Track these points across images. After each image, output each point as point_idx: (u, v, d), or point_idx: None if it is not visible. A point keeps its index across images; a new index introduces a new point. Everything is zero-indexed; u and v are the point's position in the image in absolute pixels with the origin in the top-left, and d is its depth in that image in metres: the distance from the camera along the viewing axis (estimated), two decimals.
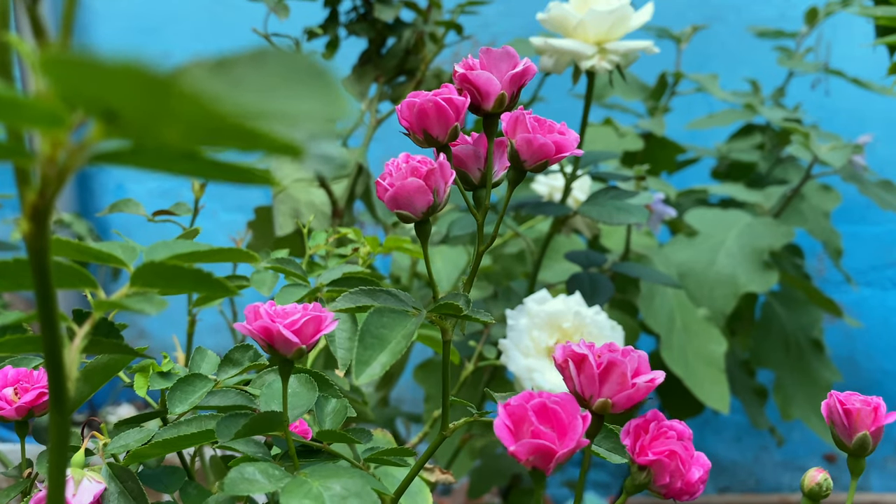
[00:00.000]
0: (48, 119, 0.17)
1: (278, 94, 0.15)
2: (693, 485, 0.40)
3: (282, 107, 0.15)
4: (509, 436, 0.36)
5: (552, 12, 0.83)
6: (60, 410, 0.24)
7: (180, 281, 0.28)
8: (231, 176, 0.20)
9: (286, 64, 0.15)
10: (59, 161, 0.19)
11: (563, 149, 0.44)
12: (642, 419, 0.40)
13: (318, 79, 0.15)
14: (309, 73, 0.15)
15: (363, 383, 0.38)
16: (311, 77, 0.15)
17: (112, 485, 0.45)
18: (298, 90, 0.15)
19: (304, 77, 0.15)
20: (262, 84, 0.15)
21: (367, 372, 0.39)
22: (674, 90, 1.47)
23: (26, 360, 0.49)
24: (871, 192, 1.28)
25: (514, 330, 0.78)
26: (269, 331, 0.40)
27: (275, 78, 0.15)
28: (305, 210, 1.05)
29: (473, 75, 0.45)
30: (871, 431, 0.45)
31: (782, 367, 1.32)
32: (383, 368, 0.40)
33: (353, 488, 0.38)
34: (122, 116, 0.16)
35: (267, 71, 0.15)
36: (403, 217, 0.44)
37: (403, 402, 1.56)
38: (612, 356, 0.38)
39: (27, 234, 0.21)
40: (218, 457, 0.65)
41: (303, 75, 0.15)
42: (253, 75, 0.15)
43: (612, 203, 0.85)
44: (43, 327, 0.23)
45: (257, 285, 0.62)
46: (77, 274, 0.27)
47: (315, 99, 0.15)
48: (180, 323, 0.80)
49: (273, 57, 0.15)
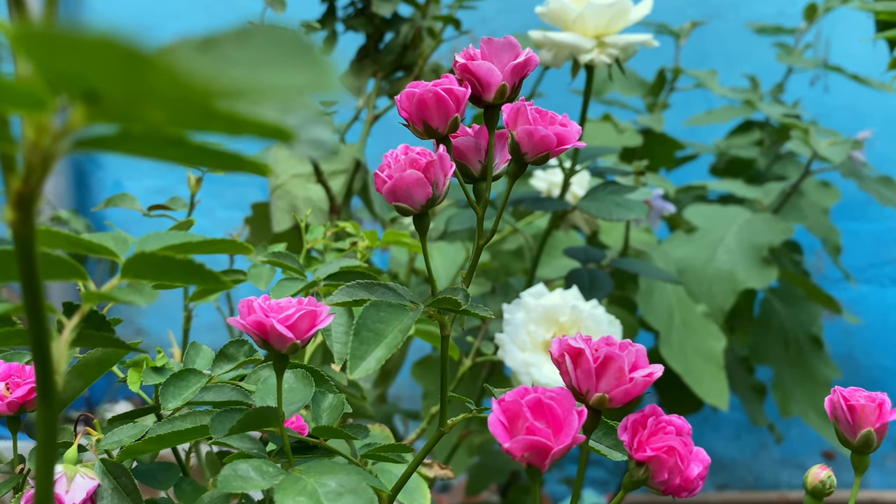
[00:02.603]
0: (30, 102, 0.16)
1: (264, 69, 0.15)
2: (692, 481, 0.39)
3: (268, 81, 0.14)
4: (504, 432, 0.36)
5: (551, 5, 0.82)
6: (48, 404, 0.24)
7: (172, 272, 0.28)
8: (221, 163, 0.20)
9: (271, 39, 0.15)
10: (44, 147, 0.19)
11: (564, 141, 0.44)
12: (640, 414, 0.39)
13: (304, 52, 0.15)
14: (294, 47, 0.15)
15: (358, 378, 0.38)
16: (296, 51, 0.15)
17: (105, 481, 0.45)
18: (284, 64, 0.15)
19: (290, 51, 0.15)
20: (248, 60, 0.15)
21: (363, 366, 0.39)
22: (673, 86, 1.47)
23: (18, 354, 0.48)
24: (870, 189, 1.28)
25: (510, 324, 0.78)
26: (262, 325, 0.39)
27: (260, 53, 0.15)
28: (303, 206, 1.05)
29: (474, 65, 0.44)
30: (875, 428, 0.45)
31: (781, 364, 1.32)
32: (378, 363, 0.39)
33: (348, 485, 0.38)
34: (104, 97, 0.15)
35: (252, 47, 0.15)
36: (402, 210, 0.43)
37: (401, 398, 1.56)
38: (610, 350, 0.37)
39: (12, 222, 0.20)
40: (213, 453, 0.64)
41: (288, 50, 0.15)
42: (238, 52, 0.15)
43: (611, 199, 0.84)
44: (29, 318, 0.22)
45: (254, 280, 0.61)
46: (66, 265, 0.27)
47: (301, 72, 0.15)
48: (177, 320, 0.79)
49: (258, 33, 0.15)
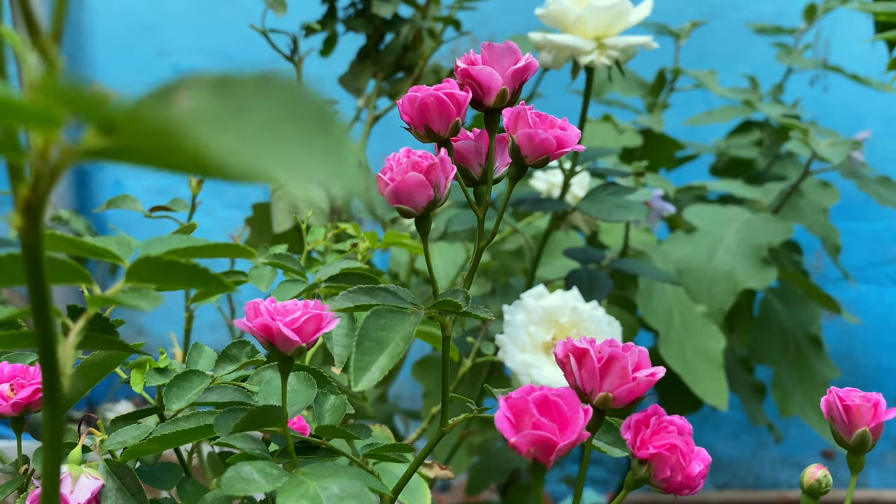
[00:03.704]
0: (41, 119, 0.17)
1: (281, 134, 0.14)
2: (693, 479, 0.40)
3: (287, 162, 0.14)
4: (510, 427, 0.36)
5: (551, 7, 0.82)
6: (54, 406, 0.24)
7: (176, 276, 0.28)
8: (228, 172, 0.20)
9: (293, 98, 0.14)
10: (52, 158, 0.19)
11: (564, 144, 0.44)
12: (643, 414, 0.40)
13: (325, 130, 0.14)
14: (315, 117, 0.14)
15: (363, 389, 0.38)
16: (317, 122, 0.14)
17: (110, 481, 0.45)
18: (303, 135, 0.15)
19: (310, 121, 0.14)
20: (265, 118, 0.14)
21: (367, 378, 0.39)
22: (672, 86, 1.47)
23: (23, 356, 0.49)
24: (869, 189, 1.28)
25: (511, 325, 0.78)
26: (269, 329, 0.40)
27: (279, 111, 0.14)
28: (303, 207, 1.05)
29: (475, 70, 0.44)
30: (870, 428, 0.45)
31: (781, 364, 1.32)
32: (382, 373, 0.39)
33: (350, 489, 0.38)
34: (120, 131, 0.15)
35: (271, 102, 0.14)
36: (404, 212, 0.44)
37: (402, 399, 1.56)
38: (613, 351, 0.38)
39: (20, 228, 0.21)
40: (216, 453, 0.65)
41: (308, 118, 0.14)
42: (257, 104, 0.14)
43: (611, 199, 0.84)
44: (36, 322, 0.23)
45: (255, 281, 0.62)
46: (71, 269, 0.27)
47: (319, 153, 0.14)
48: (178, 320, 0.80)
49: (279, 87, 0.14)
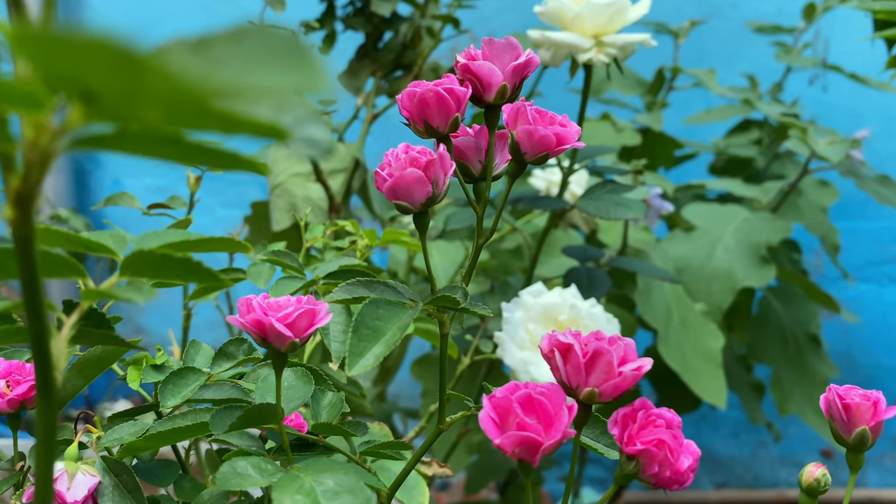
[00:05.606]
0: (28, 101, 0.17)
1: (257, 69, 0.15)
2: (682, 473, 0.39)
3: (260, 81, 0.15)
4: (495, 428, 0.36)
5: (549, 5, 0.82)
6: (48, 401, 0.24)
7: (170, 270, 0.28)
8: (218, 161, 0.20)
9: (265, 40, 0.15)
10: (42, 145, 0.19)
11: (564, 141, 0.44)
12: (630, 408, 0.39)
13: (297, 53, 0.15)
14: (287, 47, 0.15)
15: (357, 375, 0.38)
16: (289, 51, 0.15)
17: (106, 478, 0.45)
18: (277, 65, 0.15)
19: (283, 52, 0.15)
20: (241, 60, 0.15)
21: (361, 363, 0.39)
22: (671, 85, 1.47)
23: (19, 352, 0.49)
24: (868, 188, 1.28)
25: (509, 323, 0.78)
26: (261, 324, 0.40)
27: (253, 54, 0.15)
28: (302, 205, 1.05)
29: (475, 66, 0.44)
30: (870, 426, 0.45)
31: (779, 363, 1.32)
32: (377, 360, 0.39)
33: (346, 484, 0.38)
34: (101, 97, 0.15)
35: (245, 48, 0.15)
36: (402, 208, 0.44)
37: (400, 397, 1.56)
38: (598, 345, 0.38)
39: (12, 220, 0.21)
40: (213, 450, 0.65)
41: (281, 50, 0.15)
42: (231, 52, 0.15)
43: (610, 198, 0.84)
44: (29, 316, 0.22)
45: (254, 278, 0.62)
46: (65, 263, 0.27)
47: (294, 72, 0.15)
48: (177, 318, 0.80)
49: (252, 34, 0.15)
